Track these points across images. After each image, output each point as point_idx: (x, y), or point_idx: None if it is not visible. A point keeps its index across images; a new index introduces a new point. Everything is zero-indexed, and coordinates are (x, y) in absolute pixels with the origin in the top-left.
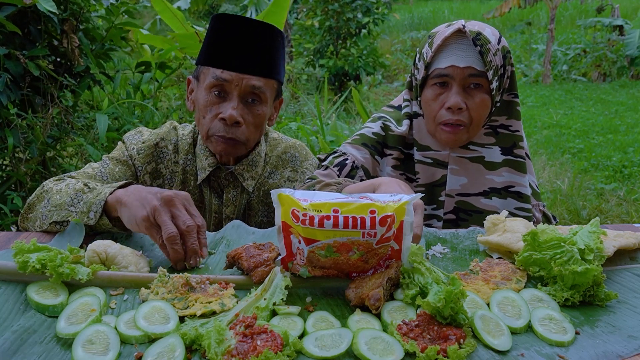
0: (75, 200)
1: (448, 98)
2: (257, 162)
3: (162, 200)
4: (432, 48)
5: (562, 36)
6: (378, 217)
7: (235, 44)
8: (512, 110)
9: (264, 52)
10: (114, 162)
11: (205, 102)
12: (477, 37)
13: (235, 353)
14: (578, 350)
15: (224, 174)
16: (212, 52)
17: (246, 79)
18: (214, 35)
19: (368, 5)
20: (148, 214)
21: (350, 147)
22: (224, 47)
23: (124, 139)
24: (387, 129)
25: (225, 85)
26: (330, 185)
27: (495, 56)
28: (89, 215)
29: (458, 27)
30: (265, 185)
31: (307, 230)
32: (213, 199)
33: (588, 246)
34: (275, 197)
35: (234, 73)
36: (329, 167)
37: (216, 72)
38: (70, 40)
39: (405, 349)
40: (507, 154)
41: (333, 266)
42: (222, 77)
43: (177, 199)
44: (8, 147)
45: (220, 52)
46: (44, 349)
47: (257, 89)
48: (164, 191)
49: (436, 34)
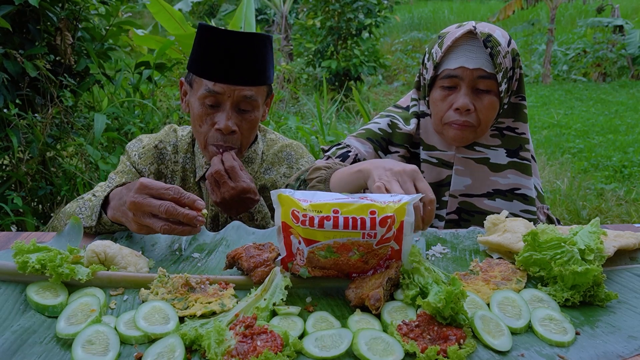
0: (84, 208)
1: (456, 99)
2: (253, 160)
3: (136, 190)
4: (442, 48)
5: (562, 36)
6: (378, 217)
7: (225, 58)
8: (519, 113)
9: (253, 62)
10: (120, 174)
11: (199, 113)
12: (487, 39)
13: (235, 353)
14: (578, 351)
15: None
16: (203, 64)
17: (238, 89)
18: (204, 47)
19: (369, 7)
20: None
21: (355, 140)
22: (214, 61)
23: (126, 149)
24: (395, 127)
25: (218, 97)
26: (320, 169)
27: (505, 58)
28: (92, 217)
29: (469, 28)
30: (261, 180)
31: (307, 231)
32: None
33: (588, 246)
34: (275, 198)
35: (226, 85)
36: (331, 158)
37: (208, 84)
38: (64, 38)
39: (406, 349)
40: (513, 156)
41: (333, 267)
42: (215, 90)
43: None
44: (13, 147)
45: (211, 65)
46: (44, 349)
47: (249, 97)
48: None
49: (446, 34)
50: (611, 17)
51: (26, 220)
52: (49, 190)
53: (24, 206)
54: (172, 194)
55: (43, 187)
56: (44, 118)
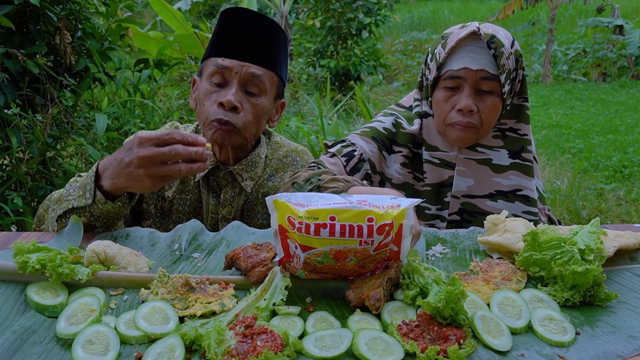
0: (71, 189)
1: (459, 100)
2: (256, 163)
3: (136, 143)
4: (446, 49)
5: (562, 36)
6: (376, 225)
7: (238, 34)
8: (521, 114)
9: (264, 42)
10: None
11: (205, 91)
12: (491, 40)
13: (235, 353)
14: (578, 351)
15: (222, 173)
16: (215, 43)
17: (246, 66)
18: (220, 28)
19: (369, 6)
20: (132, 158)
21: (360, 138)
22: (226, 37)
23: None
24: (399, 126)
25: (226, 73)
26: (337, 181)
27: (508, 60)
28: (85, 196)
29: (472, 29)
30: (265, 188)
31: (303, 238)
32: (210, 199)
33: (588, 246)
34: (271, 203)
35: (235, 60)
36: (337, 156)
37: (218, 60)
38: (63, 38)
39: (406, 349)
40: (515, 158)
41: (330, 271)
42: (223, 65)
43: (141, 138)
44: (12, 147)
45: (222, 42)
46: (44, 349)
47: (257, 77)
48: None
49: (450, 35)
50: (611, 17)
51: (26, 220)
52: (49, 190)
53: (24, 206)
54: (176, 137)
55: (43, 187)
56: (44, 118)
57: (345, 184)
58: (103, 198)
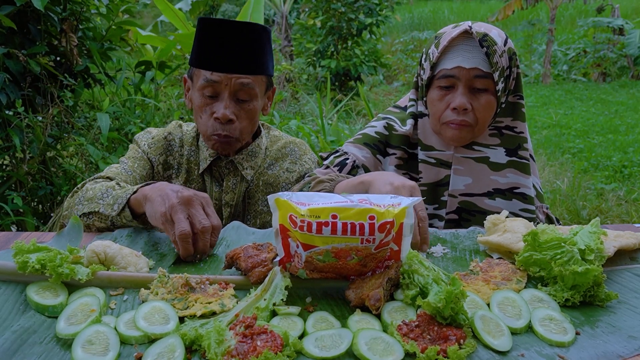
0: (106, 195)
1: (453, 99)
2: (256, 153)
3: (181, 199)
4: (439, 49)
5: (562, 36)
6: (377, 223)
7: (222, 46)
8: (517, 112)
9: (249, 51)
10: (132, 159)
11: (199, 103)
12: (483, 39)
13: (235, 353)
14: (578, 351)
15: (224, 162)
16: (201, 55)
17: (234, 77)
18: (202, 38)
19: (370, 6)
20: (166, 210)
21: (352, 146)
22: (211, 50)
23: (135, 139)
24: (391, 129)
25: (216, 86)
26: (323, 182)
27: (501, 58)
28: (113, 207)
29: (465, 28)
30: (265, 176)
31: (305, 236)
32: (214, 186)
33: (588, 246)
34: (273, 202)
35: (223, 74)
36: (330, 167)
37: (206, 74)
38: (69, 40)
39: (406, 349)
40: (512, 155)
41: (331, 270)
42: (212, 79)
43: (195, 199)
44: (16, 147)
45: (208, 55)
46: (44, 349)
47: (246, 85)
48: (185, 190)
49: (443, 34)
50: (611, 17)
51: (26, 220)
52: (49, 190)
53: (24, 206)
54: (200, 228)
55: (43, 187)
56: (45, 118)
57: (330, 183)
58: (130, 215)
